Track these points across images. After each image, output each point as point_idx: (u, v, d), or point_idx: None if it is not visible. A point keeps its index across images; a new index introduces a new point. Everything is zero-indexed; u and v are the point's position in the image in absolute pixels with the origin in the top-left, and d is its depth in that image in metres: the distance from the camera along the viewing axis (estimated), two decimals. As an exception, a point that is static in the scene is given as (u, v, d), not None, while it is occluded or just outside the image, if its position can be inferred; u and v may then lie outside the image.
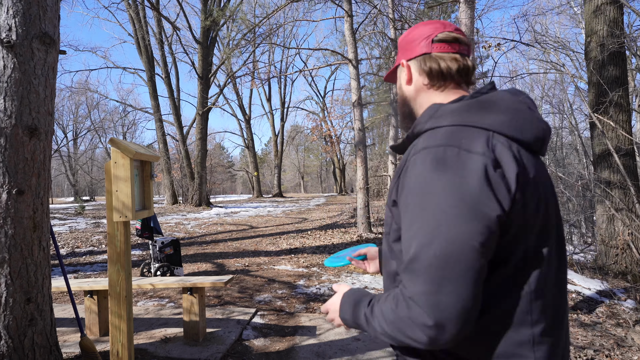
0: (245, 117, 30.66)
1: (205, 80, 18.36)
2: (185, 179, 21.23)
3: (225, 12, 17.73)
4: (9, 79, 2.35)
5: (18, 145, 2.36)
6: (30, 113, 2.40)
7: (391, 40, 12.73)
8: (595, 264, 6.44)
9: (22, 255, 2.37)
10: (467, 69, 0.99)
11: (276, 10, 12.45)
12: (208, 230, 11.34)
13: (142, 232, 5.65)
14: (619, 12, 6.53)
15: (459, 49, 0.99)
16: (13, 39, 2.35)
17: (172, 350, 3.23)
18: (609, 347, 3.42)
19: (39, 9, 2.43)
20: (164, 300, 4.77)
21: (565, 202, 8.79)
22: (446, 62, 0.98)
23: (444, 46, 0.99)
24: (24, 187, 2.38)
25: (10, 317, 2.33)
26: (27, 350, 2.38)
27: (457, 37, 0.99)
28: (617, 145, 6.14)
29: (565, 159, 17.45)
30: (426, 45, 1.00)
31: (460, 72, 0.98)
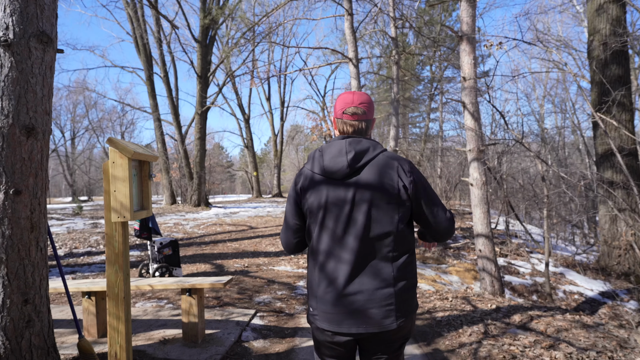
0: (245, 116, 30.62)
1: (204, 80, 18.31)
2: (184, 179, 21.20)
3: (224, 10, 17.69)
4: (6, 78, 2.31)
5: (15, 145, 2.32)
6: (28, 112, 2.37)
7: (392, 38, 12.69)
8: (597, 264, 6.42)
9: (20, 256, 2.34)
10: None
11: (276, 8, 12.41)
12: (207, 231, 11.30)
13: (140, 233, 5.61)
14: (621, 10, 6.50)
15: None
16: (10, 37, 2.32)
17: (170, 352, 3.20)
18: (612, 348, 3.39)
19: (36, 7, 2.40)
20: (162, 301, 4.74)
21: (568, 202, 8.78)
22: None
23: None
24: (21, 187, 2.34)
25: (8, 318, 2.29)
26: (25, 352, 2.35)
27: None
28: (620, 145, 6.11)
29: (568, 159, 17.40)
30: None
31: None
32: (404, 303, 1.54)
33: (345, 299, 1.52)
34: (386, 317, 1.51)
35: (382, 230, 1.52)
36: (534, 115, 24.13)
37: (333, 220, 1.56)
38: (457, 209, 16.05)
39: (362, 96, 1.66)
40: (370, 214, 1.52)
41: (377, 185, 1.52)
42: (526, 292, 7.14)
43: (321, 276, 1.59)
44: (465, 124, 6.07)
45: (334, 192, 1.57)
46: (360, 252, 1.52)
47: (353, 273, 1.52)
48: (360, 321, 1.51)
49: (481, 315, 4.31)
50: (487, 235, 5.86)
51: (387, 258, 1.53)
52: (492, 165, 11.29)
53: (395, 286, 1.52)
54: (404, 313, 1.54)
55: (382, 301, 1.50)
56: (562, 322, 4.03)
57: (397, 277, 1.53)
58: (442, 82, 23.09)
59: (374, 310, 1.50)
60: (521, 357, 3.22)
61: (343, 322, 1.52)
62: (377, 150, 1.59)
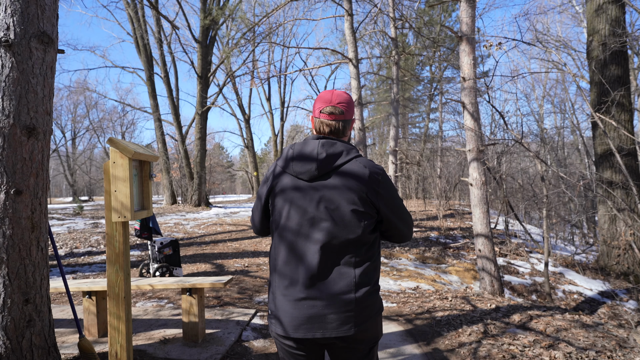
0: (245, 116, 30.63)
1: (205, 80, 18.32)
2: (184, 179, 21.21)
3: (224, 11, 17.70)
4: (7, 79, 2.32)
5: (16, 145, 2.33)
6: (29, 113, 2.38)
7: (392, 39, 12.70)
8: (597, 264, 6.43)
9: (20, 255, 2.35)
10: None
11: (276, 9, 12.42)
12: (207, 231, 11.31)
13: (141, 233, 5.62)
14: (620, 11, 6.51)
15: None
16: (11, 38, 2.33)
17: (171, 352, 3.21)
18: (611, 348, 3.40)
19: (37, 7, 2.41)
20: (163, 301, 4.75)
21: (567, 202, 8.80)
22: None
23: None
24: (22, 187, 2.35)
25: (8, 318, 2.30)
26: (25, 352, 2.36)
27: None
28: (619, 145, 6.11)
29: (567, 159, 17.41)
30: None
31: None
32: (365, 309, 1.49)
33: (304, 303, 1.48)
34: (345, 323, 1.46)
35: (346, 237, 1.48)
36: (534, 115, 24.15)
37: (296, 223, 1.52)
38: (457, 208, 16.06)
39: (341, 95, 1.62)
40: (334, 219, 1.48)
41: (343, 192, 1.48)
42: (525, 291, 7.15)
43: (280, 279, 1.54)
44: (464, 124, 6.08)
45: (299, 193, 1.53)
46: (322, 257, 1.48)
47: (313, 278, 1.48)
48: (317, 326, 1.46)
49: (481, 314, 4.32)
50: (486, 235, 5.87)
51: (349, 264, 1.49)
52: (492, 165, 11.30)
53: (357, 292, 1.48)
54: (364, 319, 1.49)
55: (341, 307, 1.46)
56: (561, 321, 4.04)
57: (358, 284, 1.48)
58: (441, 82, 23.11)
59: (333, 316, 1.46)
60: (521, 357, 3.23)
61: (300, 327, 1.47)
62: (350, 155, 1.54)
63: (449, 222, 12.83)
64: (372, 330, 1.53)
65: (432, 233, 11.01)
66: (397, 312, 4.56)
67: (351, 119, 1.66)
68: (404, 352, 3.39)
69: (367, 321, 1.50)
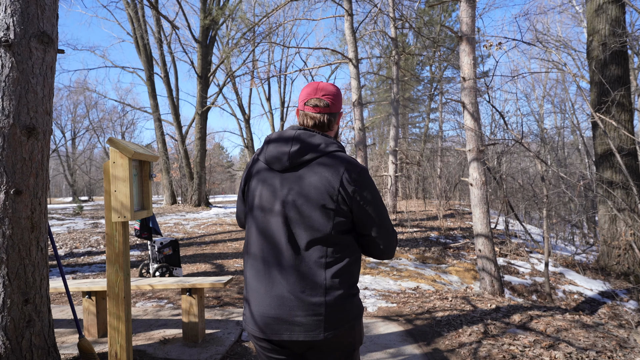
0: (245, 116, 30.62)
1: (205, 80, 18.32)
2: (184, 179, 21.21)
3: (224, 10, 17.70)
4: (7, 78, 2.32)
5: (16, 145, 2.33)
6: (28, 112, 2.38)
7: (392, 39, 12.70)
8: (597, 264, 6.43)
9: (20, 255, 2.35)
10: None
11: (276, 9, 12.42)
12: (207, 231, 11.31)
13: (140, 233, 5.62)
14: (620, 10, 6.51)
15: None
16: (11, 38, 2.33)
17: (171, 352, 3.21)
18: (612, 348, 3.40)
19: (37, 7, 2.41)
20: (162, 301, 4.74)
21: (567, 202, 8.80)
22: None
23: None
24: (21, 187, 2.35)
25: (8, 318, 2.30)
26: (25, 352, 2.35)
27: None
28: (620, 145, 6.11)
29: (567, 159, 17.42)
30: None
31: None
32: (337, 314, 1.39)
33: (273, 303, 1.40)
34: (313, 328, 1.38)
35: (315, 235, 1.39)
36: (534, 115, 24.16)
37: (265, 215, 1.44)
38: (457, 208, 16.06)
39: (327, 87, 1.52)
40: (303, 215, 1.39)
41: (314, 187, 1.39)
42: (526, 291, 7.14)
43: (251, 276, 1.47)
44: (464, 124, 6.08)
45: (269, 184, 1.46)
46: (291, 254, 1.40)
47: (282, 276, 1.40)
48: (285, 327, 1.39)
49: (481, 315, 4.32)
50: (486, 235, 5.87)
51: (319, 264, 1.39)
52: (492, 165, 11.30)
53: (327, 295, 1.38)
54: (336, 324, 1.39)
55: (309, 310, 1.37)
56: (561, 321, 4.03)
57: (329, 286, 1.38)
58: (441, 82, 23.12)
59: (300, 319, 1.38)
60: (521, 357, 3.22)
61: (269, 327, 1.41)
62: (328, 148, 1.44)
63: (449, 222, 12.83)
64: (347, 337, 1.43)
65: (432, 233, 11.01)
66: (397, 312, 4.56)
67: (338, 113, 1.56)
68: (404, 352, 3.38)
69: (340, 327, 1.40)
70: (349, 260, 1.43)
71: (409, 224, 12.17)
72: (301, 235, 1.40)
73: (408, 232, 11.06)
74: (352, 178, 1.40)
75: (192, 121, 21.41)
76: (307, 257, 1.39)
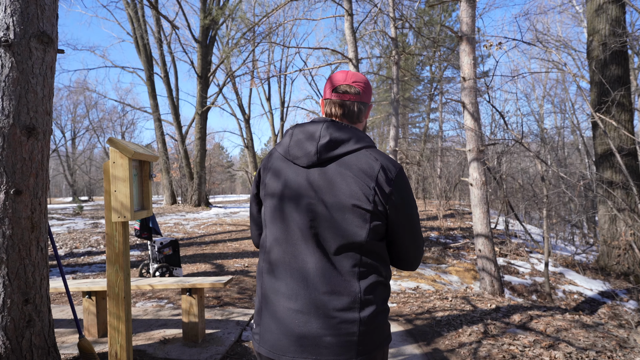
0: (245, 116, 30.61)
1: (205, 80, 18.32)
2: (184, 179, 21.20)
3: (224, 10, 17.69)
4: (7, 78, 2.32)
5: (16, 145, 2.33)
6: (28, 112, 2.38)
7: (392, 39, 12.70)
8: (597, 264, 6.43)
9: (20, 255, 2.35)
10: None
11: (276, 9, 12.42)
12: (207, 231, 11.31)
13: (140, 233, 5.62)
14: (621, 10, 6.51)
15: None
16: (11, 38, 2.33)
17: (171, 352, 3.21)
18: (611, 348, 3.40)
19: (36, 7, 2.41)
20: (162, 301, 4.74)
21: (567, 202, 8.79)
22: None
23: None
24: (21, 187, 2.35)
25: (8, 318, 2.30)
26: (25, 352, 2.35)
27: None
28: (620, 145, 6.11)
29: (567, 159, 17.41)
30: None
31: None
32: (371, 335, 1.19)
33: (295, 319, 1.19)
34: (345, 351, 1.16)
35: (348, 240, 1.20)
36: (534, 115, 24.16)
37: (288, 215, 1.26)
38: (457, 208, 16.06)
39: (357, 75, 1.36)
40: (334, 217, 1.20)
41: (346, 184, 1.21)
42: (526, 291, 7.14)
43: (269, 284, 1.28)
44: (464, 124, 6.08)
45: (294, 181, 1.27)
46: (319, 260, 1.20)
47: (307, 287, 1.20)
48: (309, 351, 1.17)
49: (481, 315, 4.32)
50: (486, 235, 5.87)
51: (352, 274, 1.20)
52: (492, 165, 11.30)
53: (362, 311, 1.18)
54: (369, 348, 1.19)
55: (342, 328, 1.17)
56: (561, 321, 4.03)
57: (364, 301, 1.19)
58: (441, 82, 23.12)
59: (329, 339, 1.16)
60: (521, 357, 3.22)
61: (288, 349, 1.19)
62: (360, 143, 1.26)
63: (449, 222, 12.82)
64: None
65: (432, 233, 11.01)
66: (398, 312, 4.56)
67: (368, 104, 1.39)
68: (404, 352, 3.38)
69: (374, 351, 1.20)
70: (384, 272, 1.26)
71: (409, 224, 12.16)
72: (331, 240, 1.20)
73: (408, 232, 11.04)
74: (388, 177, 1.22)
75: (192, 121, 21.41)
76: (339, 266, 1.21)
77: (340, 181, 1.22)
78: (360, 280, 1.21)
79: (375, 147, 1.31)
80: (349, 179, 1.21)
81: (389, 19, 12.94)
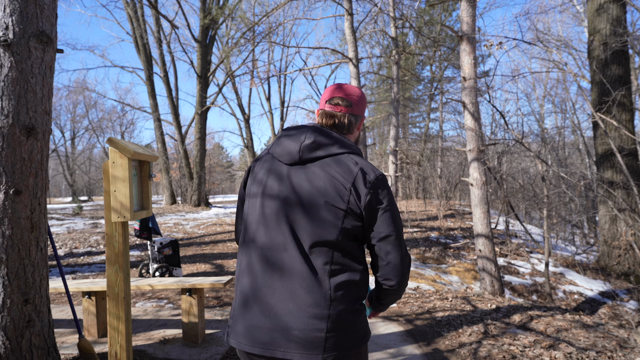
0: (245, 116, 30.61)
1: (204, 79, 18.31)
2: (184, 179, 21.20)
3: (224, 10, 17.69)
4: (6, 78, 2.31)
5: (15, 145, 2.33)
6: (28, 112, 2.37)
7: (392, 38, 12.69)
8: (597, 264, 6.43)
9: (20, 256, 2.34)
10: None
11: (275, 8, 12.41)
12: (207, 231, 11.31)
13: (140, 233, 5.61)
14: (622, 10, 6.50)
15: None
16: (10, 37, 2.32)
17: (171, 352, 3.20)
18: (612, 348, 3.39)
19: (36, 7, 2.40)
20: (162, 301, 4.74)
21: (568, 202, 8.79)
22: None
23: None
24: (21, 187, 2.34)
25: (8, 318, 2.30)
26: (25, 352, 2.35)
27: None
28: (620, 145, 6.11)
29: (568, 159, 17.41)
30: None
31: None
32: (341, 333, 1.21)
33: (268, 311, 1.23)
34: (312, 347, 1.18)
35: (320, 237, 1.23)
36: (534, 115, 24.16)
37: (268, 210, 1.30)
38: (457, 208, 16.06)
39: (351, 88, 1.43)
40: (309, 214, 1.25)
41: (323, 183, 1.25)
42: (526, 292, 7.14)
43: (243, 277, 1.31)
44: (465, 123, 6.07)
45: (275, 177, 1.32)
46: (294, 256, 1.24)
47: (282, 281, 1.24)
48: (278, 343, 1.20)
49: (481, 315, 4.32)
50: (487, 235, 5.86)
51: (324, 271, 1.23)
52: (492, 165, 11.30)
53: (331, 308, 1.21)
54: (338, 347, 1.20)
55: (310, 324, 1.19)
56: (562, 322, 4.03)
57: (334, 298, 1.21)
58: (442, 82, 23.11)
59: (297, 333, 1.19)
60: (521, 357, 3.22)
61: (258, 340, 1.22)
62: (344, 149, 1.31)
63: (449, 222, 12.82)
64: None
65: (433, 233, 11.01)
66: (397, 312, 4.55)
67: (360, 116, 1.45)
68: (404, 352, 3.38)
69: (344, 351, 1.21)
70: (356, 271, 1.28)
71: (409, 224, 12.17)
72: (305, 235, 1.25)
73: (408, 232, 11.05)
74: (366, 180, 1.26)
75: (191, 121, 21.41)
76: (313, 261, 1.24)
77: (318, 180, 1.27)
78: (331, 278, 1.23)
79: (360, 155, 1.36)
80: (326, 178, 1.26)
81: (389, 19, 12.93)
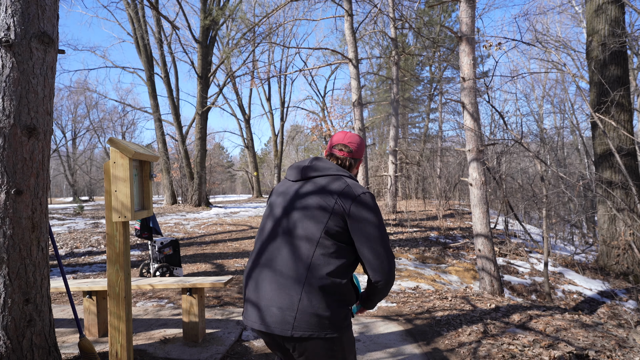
0: (245, 116, 30.63)
1: (205, 80, 18.33)
2: (185, 179, 21.21)
3: (224, 11, 17.70)
4: (8, 79, 2.33)
5: (17, 145, 2.34)
6: (29, 113, 2.38)
7: (391, 39, 12.71)
8: (596, 264, 6.44)
9: (21, 255, 2.35)
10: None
11: (276, 9, 12.42)
12: (207, 231, 11.32)
13: (141, 233, 5.62)
14: (620, 11, 6.51)
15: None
16: (12, 38, 2.33)
17: (171, 351, 3.21)
18: (611, 348, 3.40)
19: (37, 8, 2.41)
20: (163, 301, 4.75)
21: (567, 202, 8.81)
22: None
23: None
24: (22, 187, 2.36)
25: (9, 317, 2.31)
26: (26, 351, 2.36)
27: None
28: (619, 145, 6.12)
29: (567, 159, 17.42)
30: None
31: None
32: (311, 319, 1.42)
33: (258, 291, 1.52)
34: (283, 322, 1.44)
35: (307, 233, 1.51)
36: (533, 115, 24.16)
37: (274, 214, 1.66)
38: (457, 208, 16.06)
39: (354, 137, 1.79)
40: (302, 214, 1.56)
41: (316, 192, 1.59)
42: (525, 291, 7.15)
43: (249, 262, 1.65)
44: (464, 124, 6.09)
45: (284, 188, 1.71)
46: (283, 247, 1.54)
47: (271, 266, 1.53)
48: (260, 317, 1.49)
49: (480, 314, 4.33)
50: (486, 235, 5.88)
51: (305, 261, 1.48)
52: (492, 165, 11.31)
53: (302, 293, 1.44)
54: (305, 329, 1.42)
55: (283, 303, 1.45)
56: (561, 321, 4.04)
57: (309, 284, 1.45)
58: (441, 82, 23.11)
59: (274, 310, 1.46)
60: (520, 357, 3.23)
61: (251, 314, 1.53)
62: (340, 172, 1.65)
63: (449, 222, 12.83)
64: (313, 354, 1.46)
65: (432, 233, 11.02)
66: (397, 311, 4.57)
67: (359, 159, 1.80)
68: (404, 351, 3.39)
69: (314, 333, 1.44)
70: (336, 267, 1.50)
71: (409, 223, 12.18)
72: (296, 231, 1.55)
73: (408, 232, 11.06)
74: (353, 193, 1.56)
75: (192, 121, 21.41)
76: (300, 252, 1.50)
77: (314, 189, 1.61)
78: (310, 268, 1.47)
79: (355, 181, 1.67)
80: (320, 188, 1.59)
81: (389, 20, 12.95)
